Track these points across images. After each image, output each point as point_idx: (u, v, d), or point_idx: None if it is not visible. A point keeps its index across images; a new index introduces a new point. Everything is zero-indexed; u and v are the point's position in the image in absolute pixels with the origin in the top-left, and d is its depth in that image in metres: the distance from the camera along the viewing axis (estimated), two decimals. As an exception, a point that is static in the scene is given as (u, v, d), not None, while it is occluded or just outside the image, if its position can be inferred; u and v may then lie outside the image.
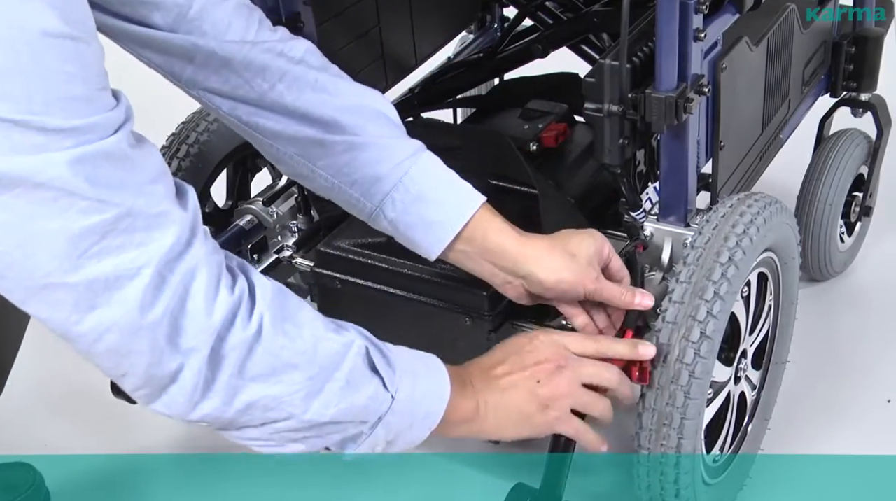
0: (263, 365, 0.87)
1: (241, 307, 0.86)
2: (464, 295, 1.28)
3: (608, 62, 1.19)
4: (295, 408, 0.90)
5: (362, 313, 1.38)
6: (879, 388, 1.56)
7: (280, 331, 0.88)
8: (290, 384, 0.89)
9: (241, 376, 0.86)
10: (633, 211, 1.31)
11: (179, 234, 0.82)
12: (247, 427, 0.90)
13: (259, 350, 0.87)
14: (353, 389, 0.92)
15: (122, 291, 0.79)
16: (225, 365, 0.85)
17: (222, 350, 0.85)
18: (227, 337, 0.85)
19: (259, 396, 0.88)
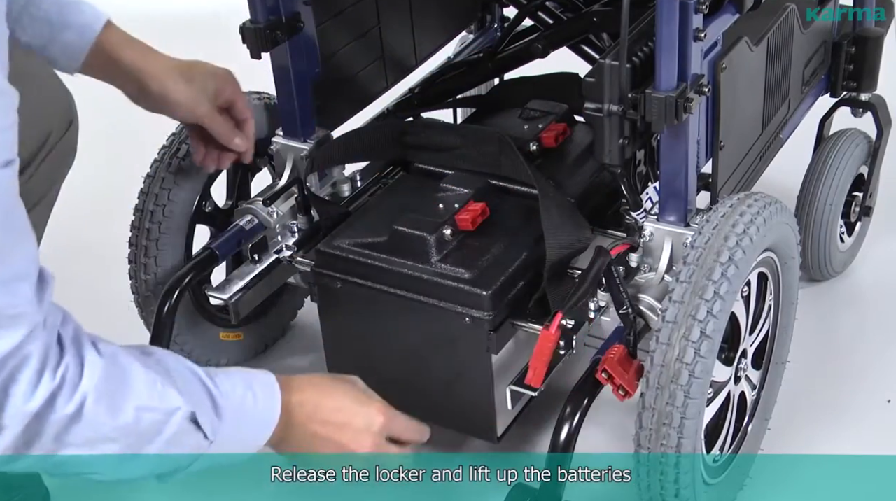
0: (81, 438, 0.93)
1: (62, 389, 0.90)
2: (463, 295, 1.29)
3: (608, 62, 1.19)
4: (106, 472, 0.97)
5: (362, 313, 1.38)
6: (879, 388, 1.56)
7: (102, 408, 0.93)
8: (106, 452, 0.95)
9: (56, 443, 0.92)
10: (633, 211, 1.31)
11: (26, 333, 0.87)
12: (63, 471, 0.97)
13: (77, 427, 0.92)
14: (173, 446, 0.99)
15: None
16: (40, 439, 0.91)
17: (39, 427, 0.90)
18: (46, 417, 0.90)
19: (73, 458, 0.94)
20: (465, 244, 1.35)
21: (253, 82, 1.56)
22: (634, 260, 1.31)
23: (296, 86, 1.48)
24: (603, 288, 1.27)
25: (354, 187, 1.56)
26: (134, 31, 1.37)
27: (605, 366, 1.19)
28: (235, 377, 1.07)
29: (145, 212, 1.46)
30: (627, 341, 1.22)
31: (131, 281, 1.50)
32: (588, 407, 1.20)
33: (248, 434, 1.08)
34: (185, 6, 2.86)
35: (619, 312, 1.24)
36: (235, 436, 1.06)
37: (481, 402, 1.36)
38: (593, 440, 1.40)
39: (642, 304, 1.28)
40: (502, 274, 1.30)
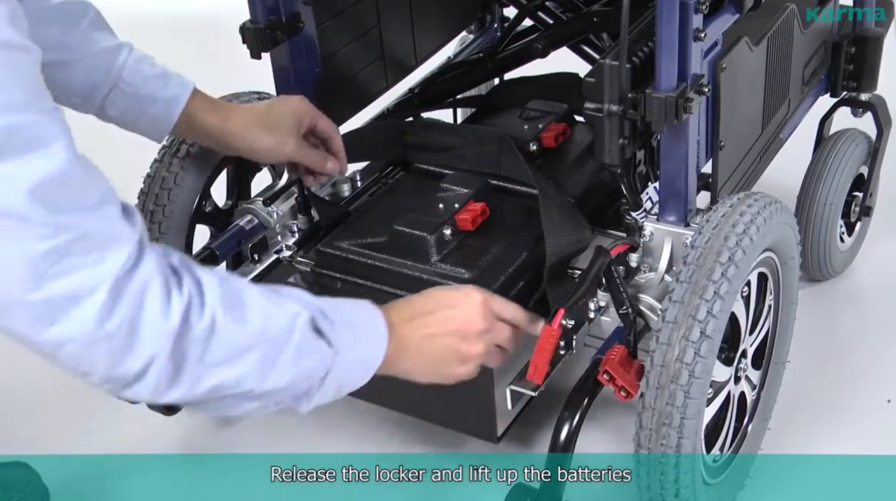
0: (221, 353, 0.94)
1: (192, 305, 0.92)
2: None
3: (608, 62, 1.19)
4: (254, 383, 0.97)
5: None
6: (879, 388, 1.56)
7: (231, 319, 0.95)
8: (247, 364, 0.96)
9: (202, 366, 0.93)
10: (633, 211, 1.31)
11: (130, 252, 0.89)
12: (213, 403, 0.98)
13: (215, 341, 0.93)
14: (303, 355, 0.99)
15: (80, 307, 0.86)
16: (186, 360, 0.92)
17: (182, 348, 0.91)
18: (185, 335, 0.91)
19: (221, 380, 0.95)
20: (465, 244, 1.35)
21: (253, 82, 1.56)
22: (634, 260, 1.31)
23: (296, 86, 1.48)
24: (603, 288, 1.27)
25: (354, 187, 1.56)
26: (134, 31, 1.37)
27: (607, 368, 1.19)
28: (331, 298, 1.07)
29: (145, 211, 1.46)
30: (628, 341, 1.22)
31: (131, 281, 1.50)
32: (588, 407, 1.20)
33: (365, 345, 1.07)
34: (185, 6, 2.86)
35: (619, 312, 1.24)
36: (354, 347, 1.05)
37: (481, 402, 1.35)
38: (593, 440, 1.40)
39: (642, 304, 1.28)
40: (502, 274, 1.30)
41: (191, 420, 1.55)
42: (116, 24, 1.31)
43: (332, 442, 1.50)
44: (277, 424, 1.54)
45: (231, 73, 1.54)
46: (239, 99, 1.54)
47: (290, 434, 1.53)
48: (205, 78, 1.51)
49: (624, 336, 1.23)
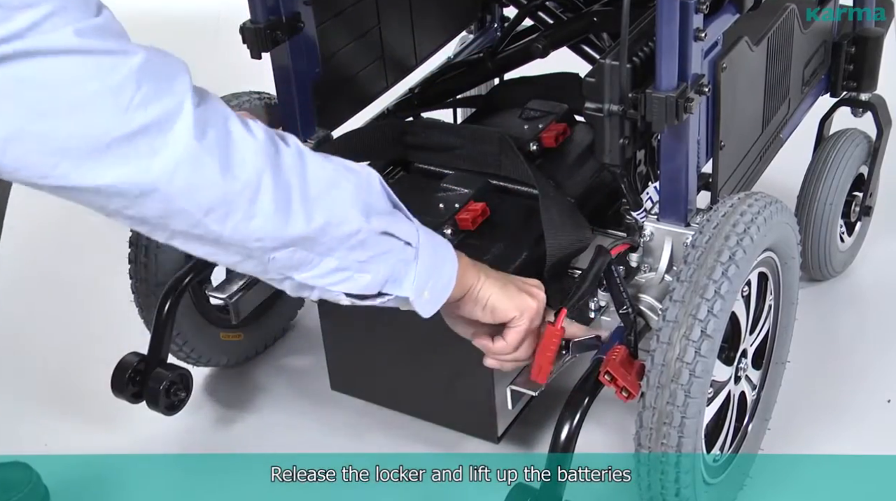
0: (318, 183, 0.96)
1: (272, 134, 0.94)
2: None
3: (608, 62, 1.19)
4: (358, 220, 0.99)
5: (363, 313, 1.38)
6: (879, 388, 1.56)
7: (316, 157, 0.98)
8: (345, 195, 0.98)
9: (306, 198, 0.95)
10: (633, 210, 1.31)
11: (190, 77, 0.90)
12: (327, 255, 0.99)
13: (308, 170, 0.95)
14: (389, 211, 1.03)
15: (175, 127, 0.87)
16: (291, 187, 0.94)
17: (281, 172, 0.93)
18: (278, 158, 0.93)
19: (328, 213, 0.96)
20: (465, 244, 1.35)
21: (253, 82, 1.56)
22: (635, 260, 1.31)
23: (296, 87, 1.48)
24: (603, 288, 1.27)
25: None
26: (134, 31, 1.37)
27: (608, 368, 1.18)
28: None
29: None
30: (628, 341, 1.22)
31: (131, 281, 1.50)
32: (588, 406, 1.20)
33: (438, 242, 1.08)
34: (185, 6, 2.86)
35: (620, 312, 1.24)
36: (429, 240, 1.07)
37: (482, 402, 1.36)
38: (593, 440, 1.40)
39: (643, 304, 1.28)
40: None
41: (191, 421, 1.55)
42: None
43: (332, 442, 1.50)
44: (277, 424, 1.54)
45: (231, 73, 1.54)
46: (239, 99, 1.54)
47: (290, 434, 1.53)
48: (205, 78, 1.51)
49: (624, 336, 1.23)
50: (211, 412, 1.58)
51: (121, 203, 0.89)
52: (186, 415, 1.52)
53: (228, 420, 1.57)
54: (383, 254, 1.02)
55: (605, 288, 1.26)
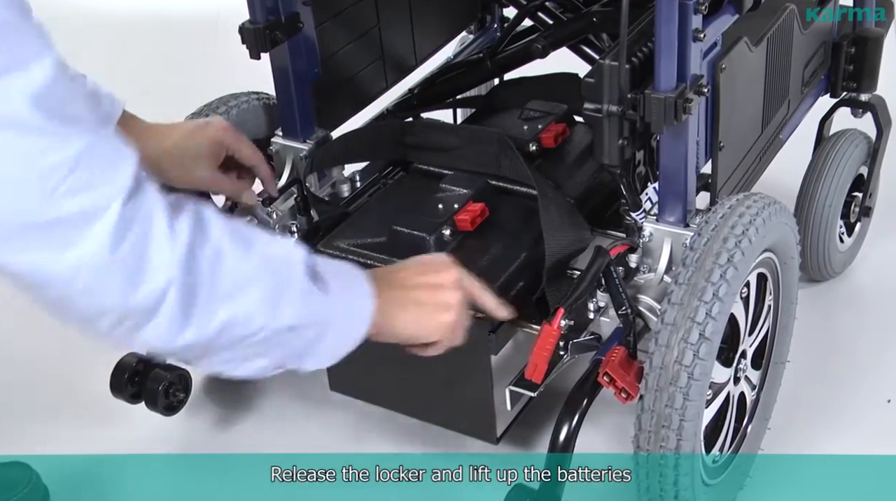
0: (230, 282, 0.92)
1: (196, 231, 0.90)
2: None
3: (608, 62, 1.19)
4: (264, 318, 0.95)
5: None
6: (879, 388, 1.56)
7: (235, 246, 0.93)
8: (256, 294, 0.94)
9: (213, 296, 0.91)
10: (632, 211, 1.31)
11: (134, 171, 0.86)
12: (222, 350, 0.95)
13: (223, 268, 0.91)
14: (306, 294, 0.98)
15: (94, 226, 0.83)
16: (198, 289, 0.90)
17: (192, 274, 0.89)
18: (193, 261, 0.89)
19: (232, 314, 0.92)
20: (464, 244, 1.35)
21: (253, 82, 1.56)
22: (634, 261, 1.31)
23: (295, 87, 1.48)
24: (602, 289, 1.27)
25: (354, 187, 1.56)
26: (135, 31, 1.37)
27: (607, 369, 1.19)
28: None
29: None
30: (627, 342, 1.22)
31: (131, 282, 1.50)
32: (587, 407, 1.20)
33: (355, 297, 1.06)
34: (185, 6, 2.86)
35: (619, 313, 1.24)
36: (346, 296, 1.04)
37: (481, 403, 1.36)
38: (593, 440, 1.40)
39: (642, 305, 1.28)
40: (501, 274, 1.30)
41: (191, 421, 1.55)
42: (117, 24, 1.31)
43: (332, 442, 1.50)
44: (277, 424, 1.54)
45: (230, 73, 1.54)
46: (237, 99, 1.54)
47: (290, 434, 1.53)
48: (204, 78, 1.52)
49: (623, 337, 1.23)
50: (210, 412, 1.58)
51: (18, 283, 0.86)
52: (186, 416, 1.53)
53: (228, 421, 1.57)
54: (284, 344, 0.99)
55: (604, 289, 1.26)
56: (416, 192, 1.44)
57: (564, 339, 1.22)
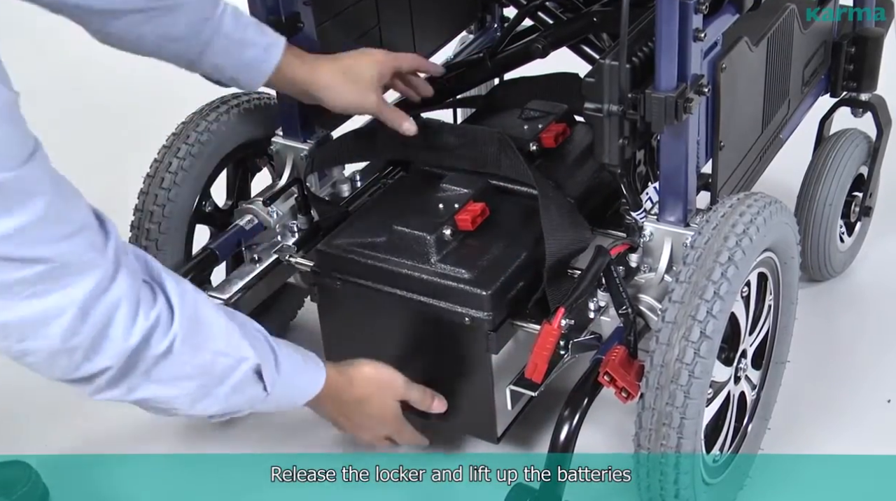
0: (166, 374, 1.04)
1: (157, 328, 1.01)
2: (464, 295, 1.29)
3: (608, 62, 1.19)
4: (183, 407, 1.09)
5: (362, 313, 1.38)
6: (879, 388, 1.56)
7: (188, 347, 1.04)
8: (184, 389, 1.07)
9: (144, 379, 1.03)
10: (633, 211, 1.31)
11: (101, 277, 0.96)
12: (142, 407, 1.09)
13: (165, 363, 1.03)
14: (237, 392, 1.12)
15: (48, 327, 0.95)
16: (133, 372, 1.02)
17: (133, 362, 1.01)
18: (142, 353, 1.01)
19: (154, 394, 1.06)
20: (464, 244, 1.35)
21: (253, 82, 1.56)
22: (634, 261, 1.31)
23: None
24: (603, 288, 1.27)
25: (354, 187, 1.56)
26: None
27: (608, 369, 1.19)
28: (292, 346, 1.22)
29: (145, 212, 1.46)
30: (628, 342, 1.22)
31: (131, 282, 1.50)
32: (588, 407, 1.20)
33: (297, 394, 1.22)
34: (186, 6, 2.86)
35: (619, 312, 1.24)
36: (286, 394, 1.19)
37: (481, 402, 1.36)
38: (593, 440, 1.40)
39: (642, 304, 1.28)
40: (502, 274, 1.30)
41: (191, 421, 1.55)
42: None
43: (332, 442, 1.50)
44: (277, 424, 1.54)
45: (231, 73, 1.54)
46: (238, 99, 1.54)
47: (290, 434, 1.52)
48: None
49: (624, 336, 1.23)
50: (211, 412, 1.58)
51: None
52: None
53: (228, 421, 1.57)
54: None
55: (604, 289, 1.27)
56: (416, 192, 1.44)
57: (565, 339, 1.22)
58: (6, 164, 0.88)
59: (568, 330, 1.22)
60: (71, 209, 0.96)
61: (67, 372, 1.00)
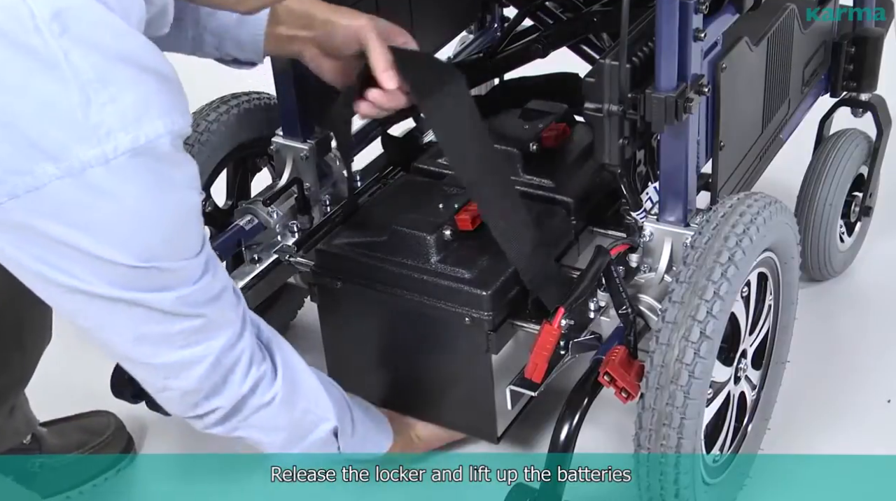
0: (263, 422, 1.20)
1: (262, 382, 1.18)
2: (464, 295, 1.29)
3: (608, 62, 1.19)
4: (269, 449, 1.25)
5: (362, 313, 1.38)
6: (879, 388, 1.56)
7: (285, 402, 1.20)
8: (274, 437, 1.24)
9: (244, 422, 1.20)
10: (633, 210, 1.31)
11: (234, 331, 1.13)
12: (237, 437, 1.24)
13: (265, 413, 1.19)
14: (314, 447, 1.27)
15: (191, 370, 1.12)
16: (238, 415, 1.18)
17: (241, 407, 1.18)
18: (249, 400, 1.18)
19: (249, 435, 1.22)
20: (464, 244, 1.35)
21: (252, 82, 1.56)
22: (634, 261, 1.31)
23: (296, 87, 1.48)
24: (603, 288, 1.27)
25: (354, 187, 1.56)
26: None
27: (608, 369, 1.18)
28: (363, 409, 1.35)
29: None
30: (628, 342, 1.22)
31: (132, 282, 1.50)
32: (588, 407, 1.20)
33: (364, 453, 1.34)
34: (185, 6, 2.86)
35: (619, 312, 1.24)
36: (356, 451, 1.32)
37: (481, 402, 1.36)
38: (593, 440, 1.40)
39: (642, 304, 1.28)
40: (501, 274, 1.30)
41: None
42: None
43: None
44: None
45: (230, 73, 1.53)
46: (238, 99, 1.54)
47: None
48: (204, 78, 1.51)
49: (624, 336, 1.23)
50: (211, 412, 1.58)
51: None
52: (186, 415, 1.52)
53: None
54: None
55: (604, 289, 1.26)
56: (416, 192, 1.44)
57: (565, 339, 1.22)
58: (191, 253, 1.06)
59: (568, 330, 1.22)
60: (220, 273, 1.11)
61: (190, 408, 1.16)
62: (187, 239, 1.06)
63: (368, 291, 1.35)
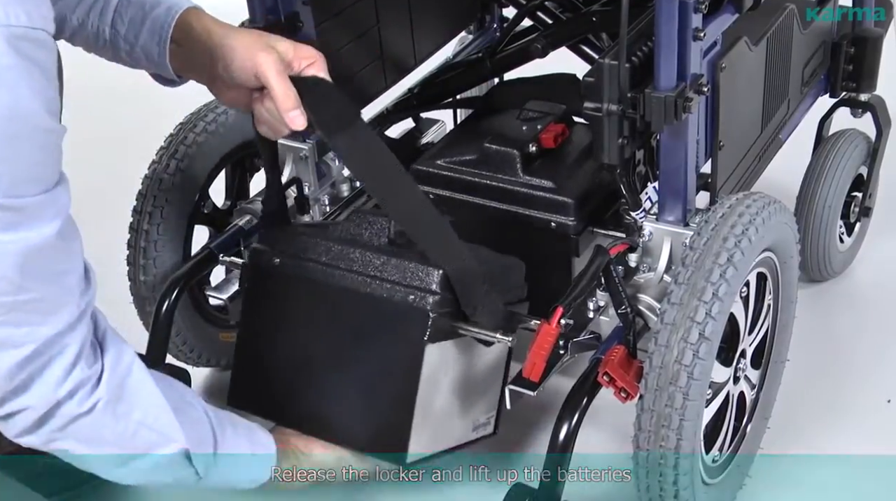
0: (83, 434, 1.05)
1: (84, 386, 1.02)
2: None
3: (607, 62, 1.19)
4: (100, 470, 1.11)
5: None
6: (879, 388, 1.56)
7: (110, 413, 1.05)
8: (101, 452, 1.08)
9: (61, 432, 1.04)
10: (632, 210, 1.31)
11: (68, 322, 0.99)
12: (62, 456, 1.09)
13: (83, 423, 1.04)
14: (161, 470, 1.12)
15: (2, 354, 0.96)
16: (52, 423, 1.02)
17: (55, 413, 1.02)
18: (62, 406, 1.02)
19: (72, 449, 1.06)
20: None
21: (252, 82, 1.56)
22: (634, 260, 1.31)
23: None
24: (602, 288, 1.27)
25: (354, 187, 1.56)
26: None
27: (607, 369, 1.18)
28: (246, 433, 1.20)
29: (143, 213, 1.46)
30: (627, 341, 1.22)
31: (130, 283, 1.50)
32: (587, 407, 1.20)
33: (239, 482, 1.21)
34: (185, 6, 2.86)
35: (618, 312, 1.24)
36: (227, 479, 1.19)
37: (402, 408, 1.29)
38: (593, 440, 1.40)
39: (641, 304, 1.28)
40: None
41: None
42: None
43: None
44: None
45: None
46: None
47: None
48: (204, 78, 1.52)
49: (623, 336, 1.23)
50: (210, 412, 1.58)
51: None
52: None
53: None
54: None
55: (603, 288, 1.26)
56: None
57: (564, 338, 1.22)
58: (33, 189, 0.91)
59: (567, 330, 1.22)
60: (68, 249, 0.98)
61: None
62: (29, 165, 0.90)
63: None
